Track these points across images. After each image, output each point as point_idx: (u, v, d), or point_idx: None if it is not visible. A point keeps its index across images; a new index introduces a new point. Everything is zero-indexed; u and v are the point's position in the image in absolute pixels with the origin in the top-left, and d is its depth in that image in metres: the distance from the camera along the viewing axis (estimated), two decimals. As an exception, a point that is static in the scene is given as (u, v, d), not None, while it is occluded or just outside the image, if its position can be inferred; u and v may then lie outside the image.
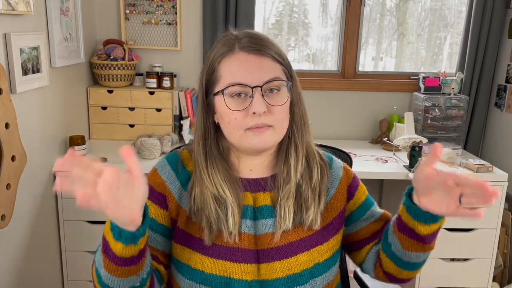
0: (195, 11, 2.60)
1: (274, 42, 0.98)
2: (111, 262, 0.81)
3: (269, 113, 0.93)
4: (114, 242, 0.79)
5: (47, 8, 1.95)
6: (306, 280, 0.97)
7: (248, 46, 0.94)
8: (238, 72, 0.93)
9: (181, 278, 0.99)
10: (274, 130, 0.95)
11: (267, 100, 0.92)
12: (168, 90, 2.47)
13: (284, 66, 0.98)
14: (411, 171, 2.16)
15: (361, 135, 2.81)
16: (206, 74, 0.98)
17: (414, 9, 2.88)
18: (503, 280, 2.50)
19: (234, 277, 0.94)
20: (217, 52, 0.98)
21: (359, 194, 1.11)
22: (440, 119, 2.59)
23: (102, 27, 2.60)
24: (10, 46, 1.64)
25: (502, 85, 2.65)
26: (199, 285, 0.95)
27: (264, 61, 0.94)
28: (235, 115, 0.93)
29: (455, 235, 2.25)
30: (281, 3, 2.85)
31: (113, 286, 0.85)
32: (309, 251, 0.98)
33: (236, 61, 0.94)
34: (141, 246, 0.81)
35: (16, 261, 1.78)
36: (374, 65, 2.95)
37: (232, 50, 0.95)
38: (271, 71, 0.94)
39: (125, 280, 0.84)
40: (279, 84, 0.94)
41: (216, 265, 0.95)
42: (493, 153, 2.73)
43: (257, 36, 0.97)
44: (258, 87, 0.91)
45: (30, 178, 1.84)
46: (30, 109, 1.83)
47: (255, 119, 0.92)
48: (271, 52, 0.95)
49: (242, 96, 0.93)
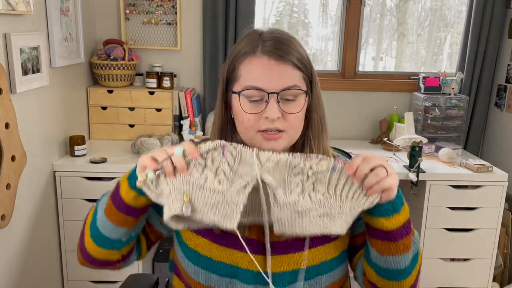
0: (195, 11, 2.60)
1: (298, 46, 0.97)
2: (114, 207, 0.91)
3: (282, 118, 0.93)
4: (128, 189, 0.90)
5: (47, 8, 1.95)
6: (311, 277, 0.97)
7: (270, 50, 0.93)
8: (257, 76, 0.93)
9: (188, 264, 1.00)
10: (286, 135, 0.95)
11: (282, 107, 0.93)
12: (168, 90, 2.47)
13: (305, 72, 0.96)
14: (411, 171, 2.16)
15: (361, 135, 2.81)
16: (227, 71, 0.99)
17: (414, 9, 2.88)
18: (503, 280, 2.50)
19: (241, 267, 0.95)
20: (240, 50, 0.97)
21: None
22: (440, 119, 2.59)
23: (102, 27, 2.60)
24: (10, 46, 1.64)
25: (502, 85, 2.65)
26: (206, 272, 0.97)
27: (284, 67, 0.93)
28: (248, 117, 0.94)
29: (455, 235, 2.25)
30: (281, 3, 2.85)
31: (101, 231, 0.93)
32: (316, 248, 0.98)
33: (257, 65, 0.93)
34: (148, 202, 0.90)
35: (16, 261, 1.78)
36: (374, 65, 2.96)
37: (255, 52, 0.94)
38: (290, 78, 0.93)
39: (116, 229, 0.92)
40: (295, 93, 0.94)
41: (224, 253, 0.96)
42: (493, 153, 2.73)
43: (281, 40, 0.95)
44: (275, 94, 0.92)
45: (30, 178, 1.84)
46: (30, 109, 1.83)
47: (267, 123, 0.93)
48: (292, 59, 0.93)
49: (258, 99, 0.93)
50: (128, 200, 0.90)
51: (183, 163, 0.85)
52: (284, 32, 0.98)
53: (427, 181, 2.17)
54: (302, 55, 0.96)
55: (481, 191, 2.21)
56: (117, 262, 1.00)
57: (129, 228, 0.93)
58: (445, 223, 2.24)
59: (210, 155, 0.86)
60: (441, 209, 2.21)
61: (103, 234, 0.94)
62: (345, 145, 2.59)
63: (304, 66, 0.96)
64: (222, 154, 0.86)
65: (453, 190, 2.20)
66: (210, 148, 0.86)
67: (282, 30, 0.99)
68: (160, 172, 0.85)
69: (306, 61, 0.97)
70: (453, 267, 2.31)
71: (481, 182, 2.20)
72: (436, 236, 2.24)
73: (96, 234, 0.95)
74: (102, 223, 0.93)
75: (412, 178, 2.13)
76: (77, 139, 2.15)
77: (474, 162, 2.25)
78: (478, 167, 2.20)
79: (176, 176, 0.85)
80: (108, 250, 0.96)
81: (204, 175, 0.85)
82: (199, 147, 0.86)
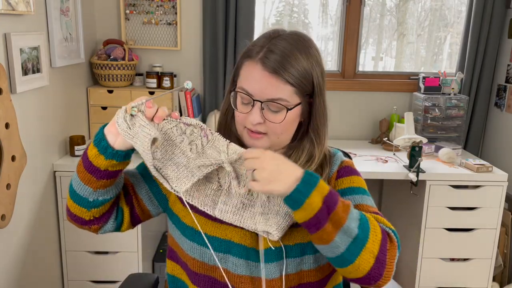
0: (195, 11, 2.60)
1: (303, 60, 0.98)
2: (82, 163, 0.97)
3: (264, 124, 1.00)
4: (92, 146, 0.95)
5: (47, 8, 1.95)
6: (298, 254, 1.00)
7: (268, 61, 0.96)
8: (249, 81, 0.99)
9: (184, 241, 1.05)
10: (268, 137, 1.02)
11: (265, 114, 0.99)
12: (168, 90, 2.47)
13: (300, 87, 0.98)
14: (411, 171, 2.16)
15: (361, 135, 2.81)
16: (235, 66, 1.06)
17: (414, 9, 2.88)
18: (503, 280, 2.50)
19: (234, 241, 1.00)
20: (249, 49, 1.02)
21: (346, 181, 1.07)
22: (440, 119, 2.59)
23: (102, 27, 2.60)
24: (10, 46, 1.64)
25: (502, 85, 2.65)
26: (201, 247, 1.02)
27: (274, 80, 0.97)
28: (238, 114, 1.03)
29: (455, 235, 2.25)
30: (281, 3, 2.85)
31: (73, 185, 0.99)
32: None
33: (252, 71, 0.99)
34: (108, 166, 0.94)
35: (16, 261, 1.78)
36: (374, 65, 2.96)
37: (254, 58, 0.98)
38: (277, 91, 0.97)
39: (82, 186, 0.97)
40: (279, 107, 0.98)
41: (219, 229, 1.01)
42: (493, 153, 2.73)
43: (285, 53, 0.96)
44: (259, 102, 0.98)
45: (30, 178, 1.84)
46: (30, 109, 1.83)
47: (250, 124, 1.00)
48: (285, 75, 0.96)
49: (247, 102, 1.01)
50: (91, 157, 0.94)
51: (164, 114, 0.95)
52: (297, 43, 0.99)
53: (427, 181, 2.17)
54: (302, 71, 0.98)
55: (481, 191, 2.21)
56: (91, 223, 1.03)
57: (94, 190, 0.97)
58: (445, 223, 2.24)
59: (191, 128, 0.97)
60: (441, 209, 2.21)
61: (73, 187, 1.00)
62: (345, 145, 2.61)
63: (300, 82, 0.98)
64: (202, 133, 0.96)
65: (453, 190, 2.20)
66: (193, 124, 0.96)
67: (300, 36, 1.01)
68: (139, 114, 0.92)
69: (307, 76, 0.99)
70: (453, 267, 2.31)
71: (481, 182, 2.20)
72: (436, 236, 2.24)
73: (70, 187, 1.02)
74: (74, 177, 1.00)
75: (412, 178, 2.13)
76: (77, 139, 2.15)
77: (474, 162, 2.25)
78: (478, 167, 2.20)
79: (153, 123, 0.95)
80: (78, 206, 1.01)
81: (180, 137, 0.96)
82: (183, 118, 0.96)
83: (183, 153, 0.96)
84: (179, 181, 0.95)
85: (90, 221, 1.03)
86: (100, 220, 1.04)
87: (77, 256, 2.16)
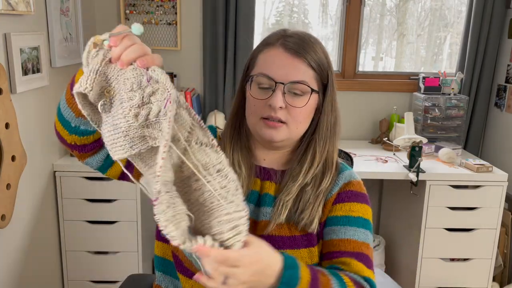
0: (195, 11, 2.60)
1: (319, 49, 0.99)
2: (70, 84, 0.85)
3: (286, 110, 0.96)
4: (81, 70, 0.81)
5: (47, 8, 1.95)
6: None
7: (289, 44, 0.96)
8: (270, 65, 0.97)
9: None
10: (287, 127, 0.98)
11: (287, 99, 0.96)
12: (168, 90, 2.47)
13: (319, 74, 0.99)
14: (411, 171, 2.16)
15: (361, 135, 2.81)
16: (249, 59, 1.04)
17: (414, 9, 2.88)
18: (503, 280, 2.50)
19: None
20: (264, 42, 1.01)
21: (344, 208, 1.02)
22: (440, 119, 2.59)
23: (102, 27, 2.60)
24: (10, 46, 1.64)
25: (502, 85, 2.65)
26: None
27: (297, 62, 0.96)
28: (255, 102, 0.98)
29: (455, 235, 2.25)
30: (281, 3, 2.85)
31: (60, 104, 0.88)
32: (298, 250, 0.98)
33: (272, 55, 0.97)
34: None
35: (16, 261, 1.78)
36: (374, 65, 2.96)
37: (274, 44, 0.98)
38: (300, 74, 0.96)
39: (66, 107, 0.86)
40: (303, 89, 0.96)
41: None
42: (493, 153, 2.73)
43: (304, 39, 0.98)
44: (281, 84, 0.95)
45: (30, 178, 1.84)
46: (30, 109, 1.83)
47: (270, 110, 0.96)
48: (308, 57, 0.96)
49: (267, 87, 0.97)
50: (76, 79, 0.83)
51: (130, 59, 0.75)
52: (312, 36, 1.01)
53: (427, 181, 2.17)
54: (320, 58, 0.98)
55: (481, 191, 2.21)
56: (72, 148, 0.94)
57: (76, 116, 0.86)
58: (445, 223, 2.24)
59: (155, 86, 0.72)
60: (441, 209, 2.21)
61: (60, 105, 0.90)
62: (345, 145, 2.61)
63: (320, 68, 0.98)
64: (165, 103, 0.71)
65: (453, 190, 2.20)
66: (161, 82, 0.72)
67: (311, 34, 1.02)
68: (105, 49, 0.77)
69: (324, 64, 0.99)
70: (453, 267, 2.31)
71: (481, 182, 2.20)
72: (436, 236, 2.24)
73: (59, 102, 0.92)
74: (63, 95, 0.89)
75: (412, 178, 2.13)
76: (77, 139, 2.15)
77: (474, 162, 2.25)
78: (478, 167, 2.20)
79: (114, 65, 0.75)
80: (61, 126, 0.91)
81: (131, 94, 0.72)
82: (151, 69, 0.73)
83: (124, 116, 0.72)
84: (112, 147, 0.74)
85: (71, 146, 0.93)
86: (81, 149, 0.93)
87: (77, 256, 2.16)
